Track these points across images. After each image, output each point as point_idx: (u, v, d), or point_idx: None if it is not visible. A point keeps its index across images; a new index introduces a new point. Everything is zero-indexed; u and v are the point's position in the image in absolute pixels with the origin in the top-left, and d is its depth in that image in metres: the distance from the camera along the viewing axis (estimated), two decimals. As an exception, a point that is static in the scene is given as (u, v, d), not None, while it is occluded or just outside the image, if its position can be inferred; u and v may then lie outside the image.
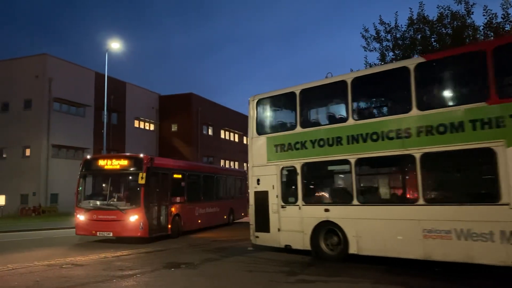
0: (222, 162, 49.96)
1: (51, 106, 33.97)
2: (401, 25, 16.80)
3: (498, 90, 7.81)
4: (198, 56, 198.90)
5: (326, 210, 9.81)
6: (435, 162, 8.59)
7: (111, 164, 13.84)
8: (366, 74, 10.43)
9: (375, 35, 17.10)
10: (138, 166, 13.31)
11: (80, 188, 14.01)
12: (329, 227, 9.77)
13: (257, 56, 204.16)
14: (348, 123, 9.65)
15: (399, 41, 16.79)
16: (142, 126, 45.68)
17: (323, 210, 9.86)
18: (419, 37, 16.40)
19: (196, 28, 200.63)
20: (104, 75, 29.20)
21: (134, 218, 12.91)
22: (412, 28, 16.51)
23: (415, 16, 16.46)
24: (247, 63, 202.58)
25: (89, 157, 14.96)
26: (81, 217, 13.58)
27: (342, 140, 9.64)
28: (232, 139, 54.94)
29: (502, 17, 14.86)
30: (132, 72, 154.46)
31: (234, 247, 12.49)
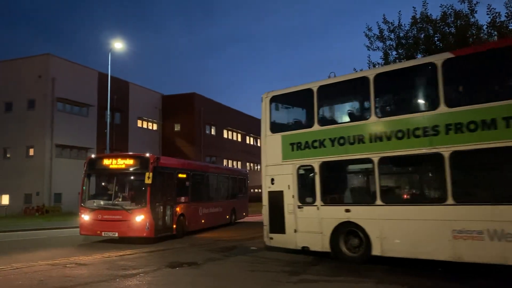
0: (225, 162, 50.06)
1: (55, 106, 34.07)
2: (404, 24, 16.75)
3: None
4: (201, 56, 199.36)
5: (347, 211, 9.48)
6: (466, 161, 8.26)
7: (117, 164, 13.65)
8: (390, 70, 10.17)
9: (379, 34, 17.04)
10: (144, 166, 13.17)
11: (85, 188, 13.84)
12: (350, 228, 9.45)
13: (261, 56, 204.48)
14: (371, 121, 9.34)
15: (403, 40, 16.72)
16: (145, 126, 45.80)
17: (344, 211, 9.52)
18: (423, 36, 16.33)
19: (199, 28, 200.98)
20: (107, 75, 29.34)
21: (140, 218, 12.80)
22: (416, 27, 16.44)
23: (419, 15, 16.40)
24: (250, 63, 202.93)
25: (94, 156, 14.75)
26: (86, 217, 13.40)
27: (364, 138, 9.33)
28: (235, 139, 55.01)
29: (506, 16, 14.76)
30: (135, 72, 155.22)
31: (237, 247, 12.48)
